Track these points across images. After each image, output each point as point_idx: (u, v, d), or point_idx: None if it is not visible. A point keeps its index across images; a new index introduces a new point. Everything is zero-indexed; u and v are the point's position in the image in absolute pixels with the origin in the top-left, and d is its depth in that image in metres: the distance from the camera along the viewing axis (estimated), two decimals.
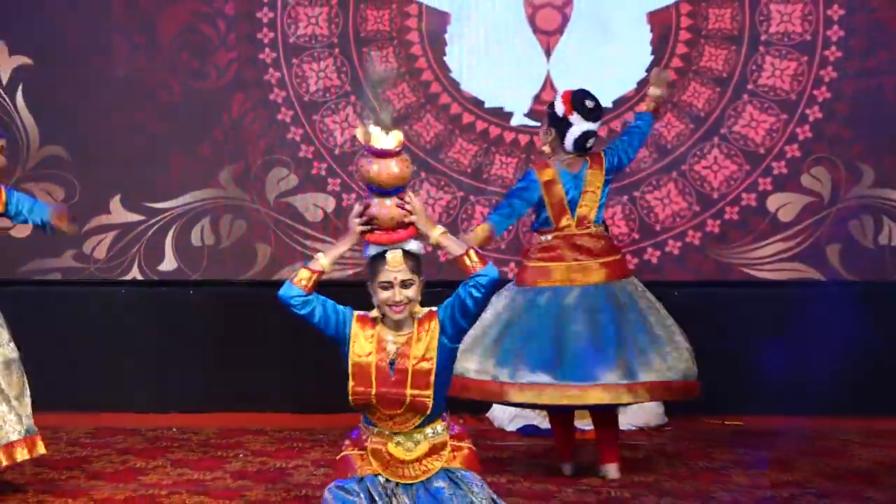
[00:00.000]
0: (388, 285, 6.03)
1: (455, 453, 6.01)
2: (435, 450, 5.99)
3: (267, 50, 10.28)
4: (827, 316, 9.63)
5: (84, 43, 10.28)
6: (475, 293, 5.89)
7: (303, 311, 6.02)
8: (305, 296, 6.00)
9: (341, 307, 6.15)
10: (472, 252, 5.94)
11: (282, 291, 6.06)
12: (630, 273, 8.52)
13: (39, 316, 8.76)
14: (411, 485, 5.98)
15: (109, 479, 8.17)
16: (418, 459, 6.01)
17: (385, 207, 5.94)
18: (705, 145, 10.06)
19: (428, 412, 5.97)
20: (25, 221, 8.12)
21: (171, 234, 10.30)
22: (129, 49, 10.30)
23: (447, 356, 6.07)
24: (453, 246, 5.99)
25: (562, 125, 8.15)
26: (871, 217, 10.16)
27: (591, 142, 8.19)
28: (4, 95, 10.18)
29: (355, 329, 6.11)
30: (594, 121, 8.17)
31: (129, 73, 10.29)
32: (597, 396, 8.03)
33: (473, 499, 5.98)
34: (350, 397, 6.01)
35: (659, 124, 10.04)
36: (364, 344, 6.08)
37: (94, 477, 8.25)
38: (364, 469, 5.98)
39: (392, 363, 6.04)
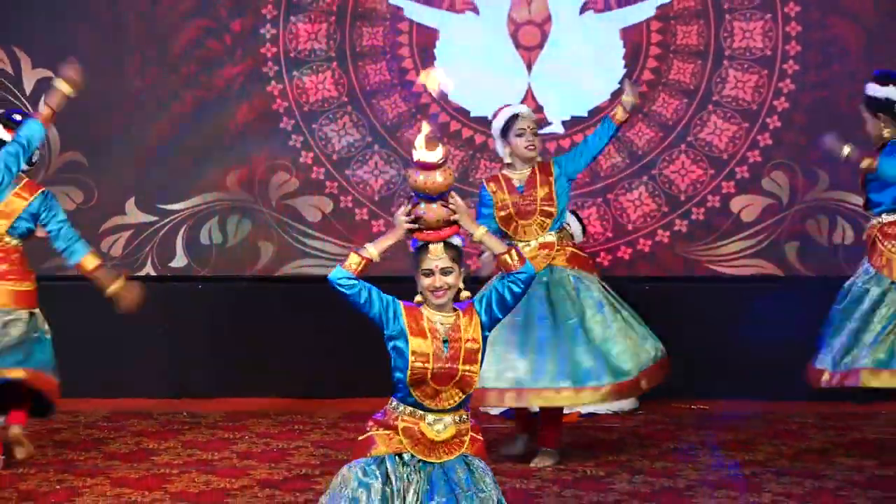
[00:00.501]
0: (430, 272, 6.03)
1: (473, 444, 6.16)
2: (459, 434, 6.05)
3: (270, 63, 10.26)
4: (785, 308, 9.65)
5: (101, 57, 10.21)
6: (515, 287, 5.97)
7: (350, 292, 6.05)
8: (354, 279, 6.03)
9: (386, 295, 6.09)
10: (513, 251, 6.01)
11: (332, 274, 6.07)
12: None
13: (60, 309, 8.74)
14: (430, 465, 6.04)
15: (124, 460, 8.25)
16: (445, 442, 6.14)
17: (431, 211, 5.94)
18: (674, 151, 10.07)
19: (471, 390, 6.05)
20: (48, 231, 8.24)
21: (181, 233, 10.32)
22: (143, 62, 10.29)
23: (484, 343, 6.21)
24: (495, 244, 6.06)
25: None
26: (826, 217, 10.17)
27: None
28: (28, 105, 10.11)
29: (405, 317, 6.08)
30: None
31: (143, 84, 10.28)
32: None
33: (484, 487, 6.11)
34: (408, 374, 5.93)
35: (631, 132, 10.10)
36: (417, 327, 6.11)
37: (110, 457, 8.31)
38: (392, 446, 6.00)
39: (445, 341, 6.07)
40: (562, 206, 8.35)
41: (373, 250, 5.99)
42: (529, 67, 10.25)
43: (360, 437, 6.05)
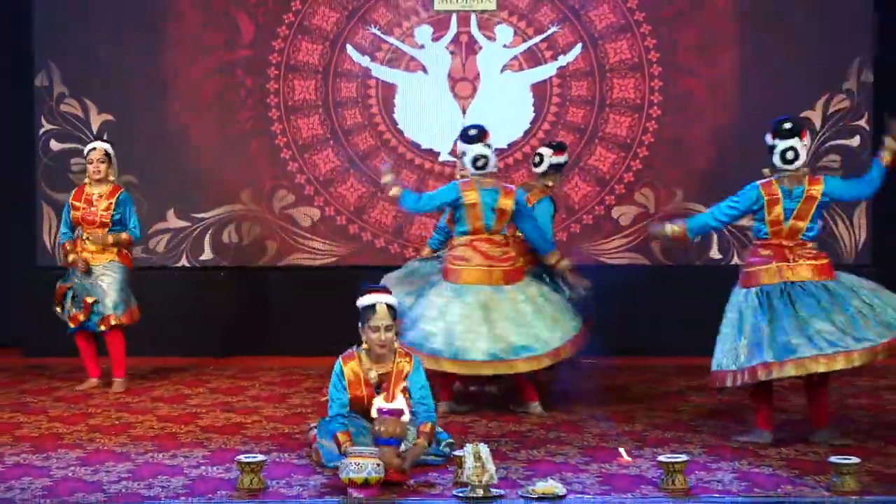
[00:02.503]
0: (377, 329, 6.27)
1: None
2: None
3: (273, 109, 10.30)
4: (652, 288, 9.81)
5: (149, 102, 10.23)
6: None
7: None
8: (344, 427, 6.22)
9: (334, 372, 6.36)
10: None
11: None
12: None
13: None
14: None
15: (166, 402, 8.31)
16: None
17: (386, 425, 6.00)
18: (570, 174, 9.97)
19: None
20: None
21: (208, 235, 10.32)
22: (180, 108, 10.26)
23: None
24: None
25: None
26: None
27: (481, 162, 7.85)
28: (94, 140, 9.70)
29: (347, 373, 6.29)
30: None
31: (179, 124, 10.26)
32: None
33: None
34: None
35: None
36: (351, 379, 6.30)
37: (156, 400, 8.38)
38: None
39: (377, 388, 6.30)
40: None
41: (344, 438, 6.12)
42: (464, 111, 10.23)
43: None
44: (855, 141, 10.20)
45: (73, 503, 5.83)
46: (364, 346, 6.39)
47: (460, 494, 5.86)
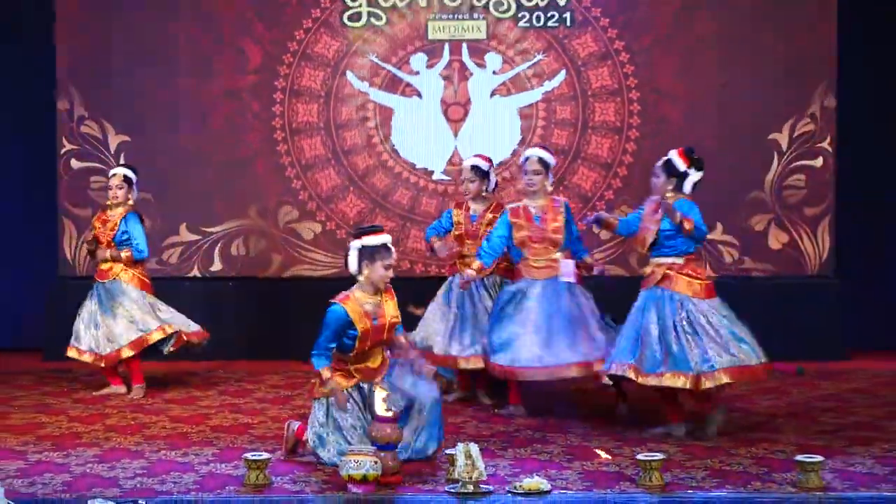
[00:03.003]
0: (390, 266, 6.45)
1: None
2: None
3: (278, 131, 10.30)
4: (630, 297, 9.81)
5: (162, 126, 10.24)
6: None
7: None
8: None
9: (336, 317, 6.48)
10: None
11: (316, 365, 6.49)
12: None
13: None
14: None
15: (178, 403, 8.36)
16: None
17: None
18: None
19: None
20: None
21: (218, 247, 10.32)
22: (192, 129, 10.27)
23: None
24: None
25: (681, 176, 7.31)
26: None
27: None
28: (112, 160, 10.12)
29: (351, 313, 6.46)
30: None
31: (192, 145, 10.26)
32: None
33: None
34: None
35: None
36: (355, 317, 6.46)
37: (169, 402, 8.41)
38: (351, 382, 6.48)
39: (374, 318, 6.47)
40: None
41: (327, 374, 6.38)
42: (456, 134, 10.26)
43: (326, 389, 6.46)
44: (818, 162, 10.23)
45: (91, 497, 5.83)
46: (361, 282, 6.53)
47: (452, 490, 5.89)
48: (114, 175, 8.82)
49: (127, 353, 8.56)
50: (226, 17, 10.31)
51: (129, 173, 8.83)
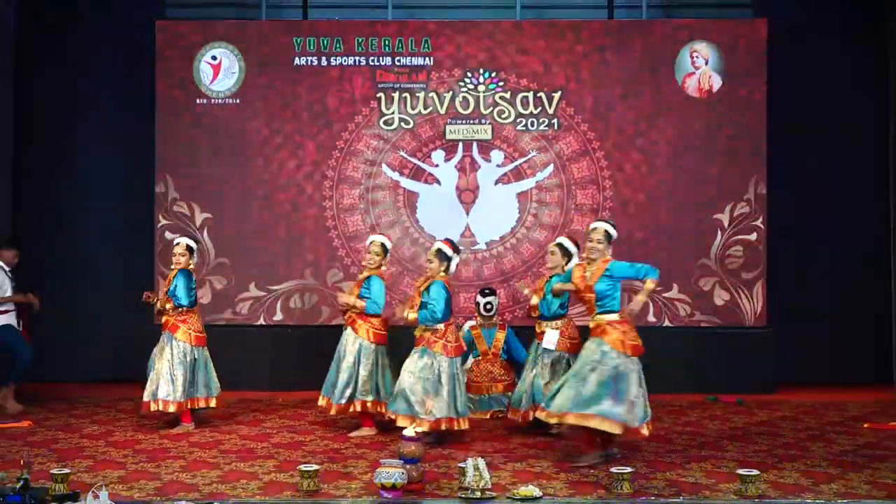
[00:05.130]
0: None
1: None
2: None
3: (328, 210, 10.24)
4: None
5: (237, 205, 10.23)
6: None
7: None
8: None
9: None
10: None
11: None
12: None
13: (214, 344, 8.85)
14: None
15: (246, 425, 8.22)
16: None
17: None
18: (544, 258, 9.67)
19: None
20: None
21: (279, 301, 10.22)
22: (260, 208, 10.22)
23: None
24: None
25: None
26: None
27: None
28: (198, 233, 10.17)
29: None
30: None
31: (260, 222, 10.22)
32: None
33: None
34: None
35: (522, 248, 10.04)
36: None
37: (238, 424, 8.26)
38: None
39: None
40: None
41: None
42: (467, 213, 10.21)
43: None
44: (753, 236, 10.17)
45: (177, 500, 5.79)
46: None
47: (463, 496, 5.82)
48: (177, 244, 8.26)
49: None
50: (289, 121, 10.33)
51: (192, 243, 8.34)
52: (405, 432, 6.14)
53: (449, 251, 7.63)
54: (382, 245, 8.08)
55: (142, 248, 10.46)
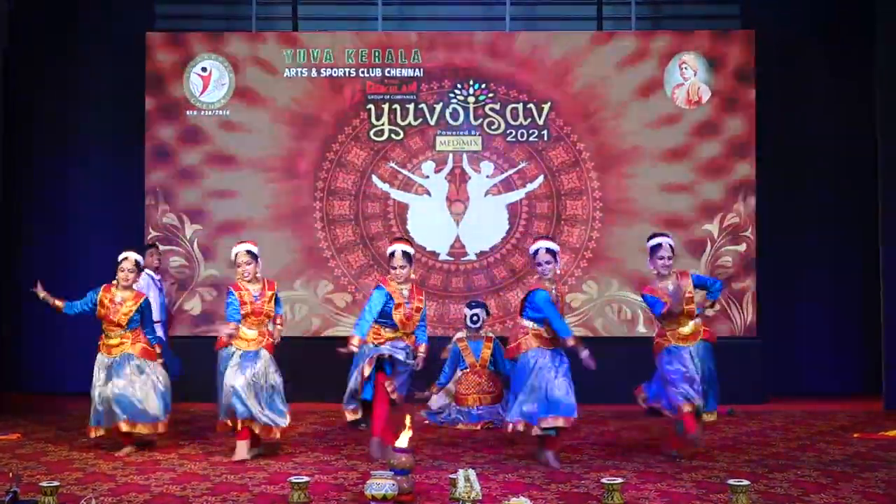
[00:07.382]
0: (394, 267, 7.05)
1: None
2: None
3: (318, 221, 10.25)
4: (596, 352, 9.75)
5: (226, 218, 10.23)
6: None
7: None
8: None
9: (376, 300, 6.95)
10: None
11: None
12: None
13: (205, 356, 8.77)
14: None
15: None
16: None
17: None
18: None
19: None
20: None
21: None
22: (249, 219, 10.18)
23: None
24: None
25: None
26: (619, 305, 10.23)
27: None
28: (188, 244, 10.19)
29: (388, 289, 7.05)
30: None
31: (249, 231, 9.96)
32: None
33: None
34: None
35: (512, 259, 10.11)
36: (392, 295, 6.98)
37: (230, 437, 8.05)
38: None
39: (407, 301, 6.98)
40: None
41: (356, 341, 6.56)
42: (458, 224, 10.24)
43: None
44: (742, 247, 10.21)
45: None
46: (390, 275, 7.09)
47: None
48: (125, 259, 7.59)
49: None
50: (278, 132, 10.33)
51: (140, 258, 7.74)
52: (397, 443, 6.14)
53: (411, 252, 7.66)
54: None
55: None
